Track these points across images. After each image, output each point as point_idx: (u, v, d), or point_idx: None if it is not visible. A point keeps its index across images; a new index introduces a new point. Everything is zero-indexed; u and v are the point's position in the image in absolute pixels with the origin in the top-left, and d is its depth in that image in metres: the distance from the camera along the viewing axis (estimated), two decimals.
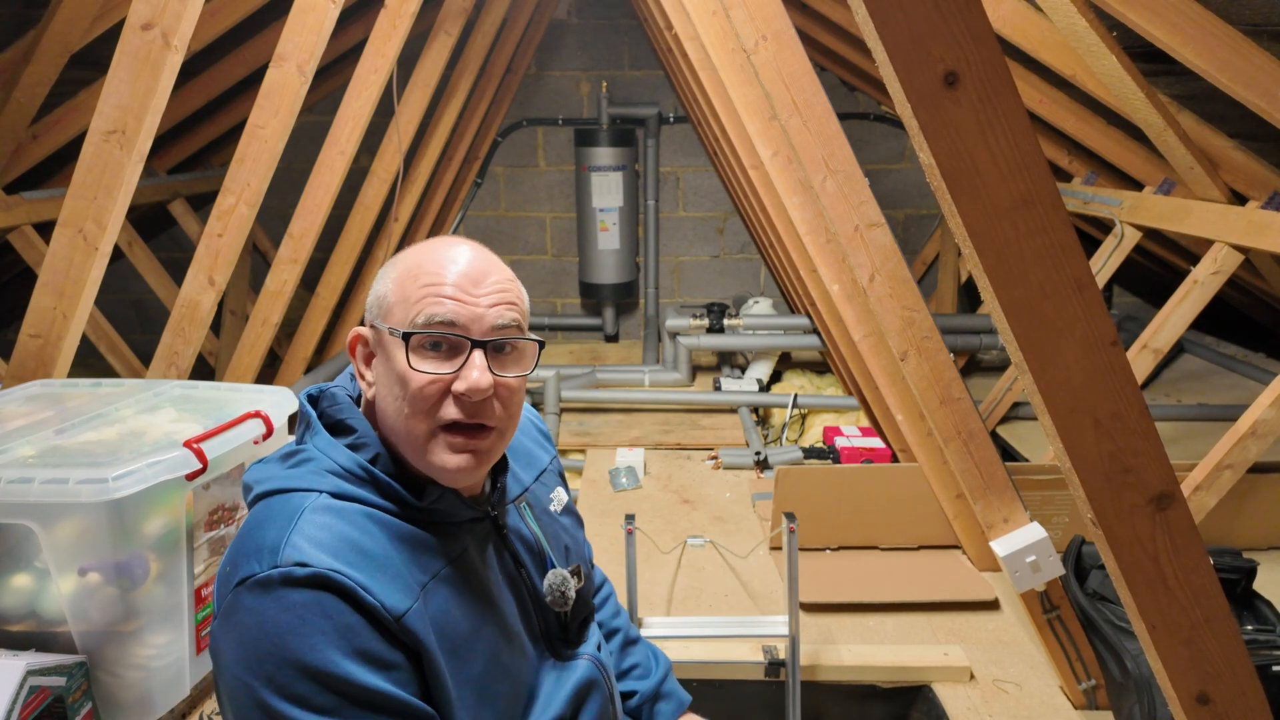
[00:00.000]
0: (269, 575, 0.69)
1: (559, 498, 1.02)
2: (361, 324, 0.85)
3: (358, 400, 0.87)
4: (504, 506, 0.89)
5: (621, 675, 1.12)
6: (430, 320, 0.77)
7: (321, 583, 0.69)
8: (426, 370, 0.77)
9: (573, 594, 0.91)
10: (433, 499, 0.79)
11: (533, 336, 0.84)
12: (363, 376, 0.83)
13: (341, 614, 0.69)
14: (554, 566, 0.92)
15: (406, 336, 0.77)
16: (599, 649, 0.97)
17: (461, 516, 0.83)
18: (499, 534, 0.88)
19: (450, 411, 0.77)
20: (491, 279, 0.81)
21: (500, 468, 0.90)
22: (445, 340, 0.78)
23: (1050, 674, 1.84)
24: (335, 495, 0.76)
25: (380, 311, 0.81)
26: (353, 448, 0.79)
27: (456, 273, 0.79)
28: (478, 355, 0.78)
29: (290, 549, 0.70)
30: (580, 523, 1.07)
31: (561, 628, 0.92)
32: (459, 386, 0.77)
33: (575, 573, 0.93)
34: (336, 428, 0.81)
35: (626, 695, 1.10)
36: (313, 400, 0.85)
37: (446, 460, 0.78)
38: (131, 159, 1.66)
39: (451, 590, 0.79)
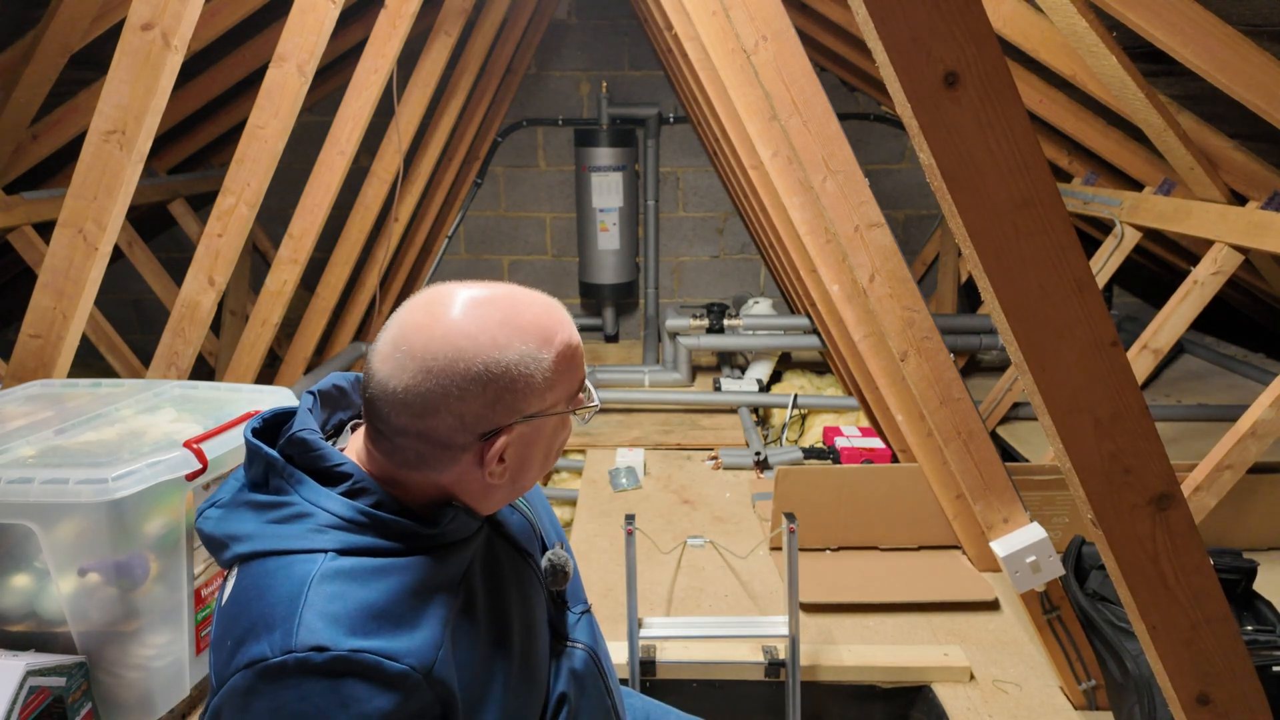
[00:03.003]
0: (284, 662, 0.64)
1: None
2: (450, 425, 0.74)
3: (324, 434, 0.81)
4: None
5: None
6: (585, 383, 0.80)
7: (344, 668, 0.65)
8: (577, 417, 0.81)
9: (570, 570, 0.90)
10: (448, 521, 0.75)
11: None
12: (492, 475, 0.76)
13: (363, 701, 0.65)
14: (550, 546, 0.91)
15: (574, 405, 0.79)
16: (595, 640, 0.96)
17: (471, 530, 0.79)
18: (497, 531, 0.86)
19: None
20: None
21: None
22: None
23: (1050, 674, 1.84)
24: (341, 551, 0.70)
25: (525, 402, 0.73)
26: (350, 494, 0.73)
27: (563, 323, 0.78)
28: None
29: (305, 631, 0.65)
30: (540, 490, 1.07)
31: (558, 604, 0.92)
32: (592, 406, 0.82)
33: (561, 546, 0.93)
34: (323, 475, 0.74)
35: None
36: (260, 435, 0.78)
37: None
38: (131, 159, 1.66)
39: (471, 614, 0.76)
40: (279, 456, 0.75)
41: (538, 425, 0.75)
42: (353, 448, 0.79)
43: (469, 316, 0.71)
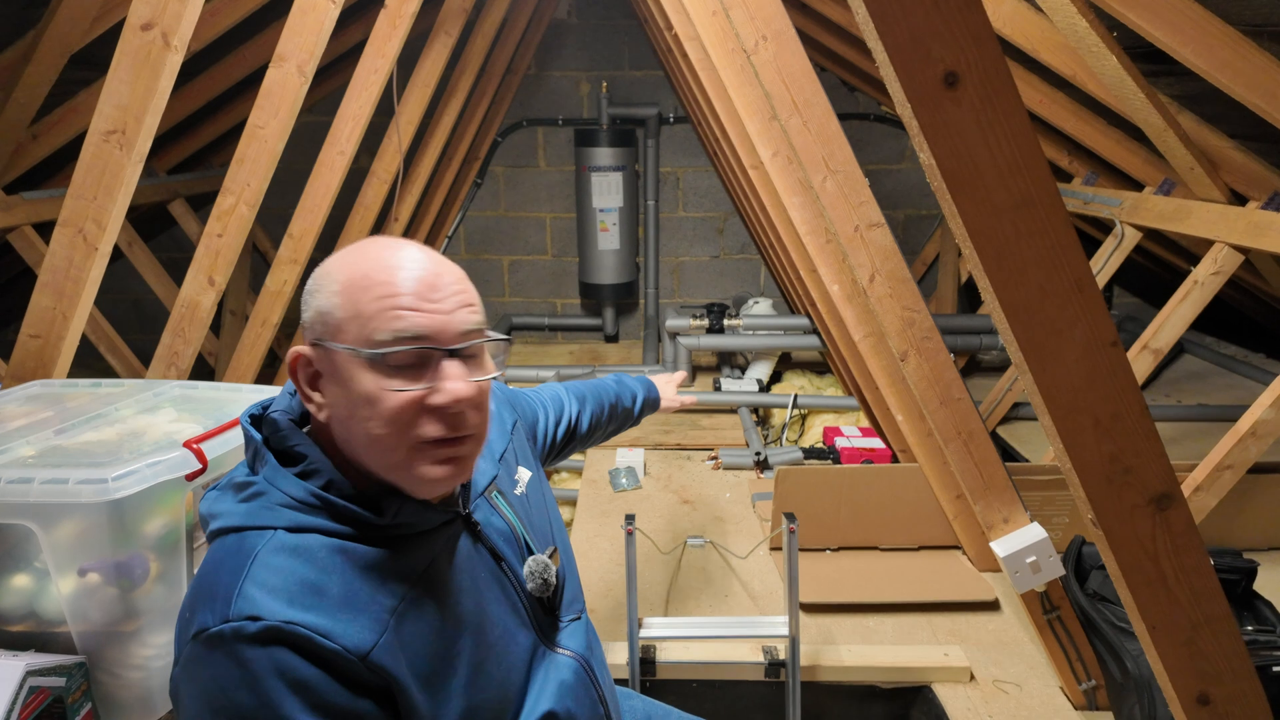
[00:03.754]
0: (221, 630, 0.67)
1: (521, 478, 0.99)
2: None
3: (301, 420, 0.82)
4: (473, 502, 0.87)
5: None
6: (398, 335, 0.72)
7: (275, 636, 0.66)
8: (400, 389, 0.72)
9: (554, 579, 0.90)
10: (393, 514, 0.76)
11: (500, 336, 0.81)
12: (310, 399, 0.77)
13: (297, 669, 0.67)
14: (533, 553, 0.91)
15: (374, 357, 0.72)
16: (589, 648, 0.96)
17: (430, 524, 0.79)
18: (472, 531, 0.85)
19: (430, 429, 0.74)
20: (448, 281, 0.76)
21: None
22: (415, 354, 0.73)
23: (1050, 674, 1.84)
24: (291, 529, 0.72)
25: (326, 329, 0.74)
26: (303, 475, 0.75)
27: (411, 279, 0.74)
28: (453, 365, 0.74)
29: (242, 600, 0.67)
30: (547, 490, 1.05)
31: (547, 610, 0.91)
32: (438, 400, 0.73)
33: (552, 555, 0.93)
34: (284, 456, 0.77)
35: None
36: (255, 420, 0.81)
37: (431, 473, 0.75)
38: (131, 159, 1.66)
39: (423, 609, 0.76)
40: (258, 436, 0.78)
41: (337, 361, 0.74)
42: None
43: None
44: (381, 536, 0.76)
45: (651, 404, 1.54)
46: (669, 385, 1.61)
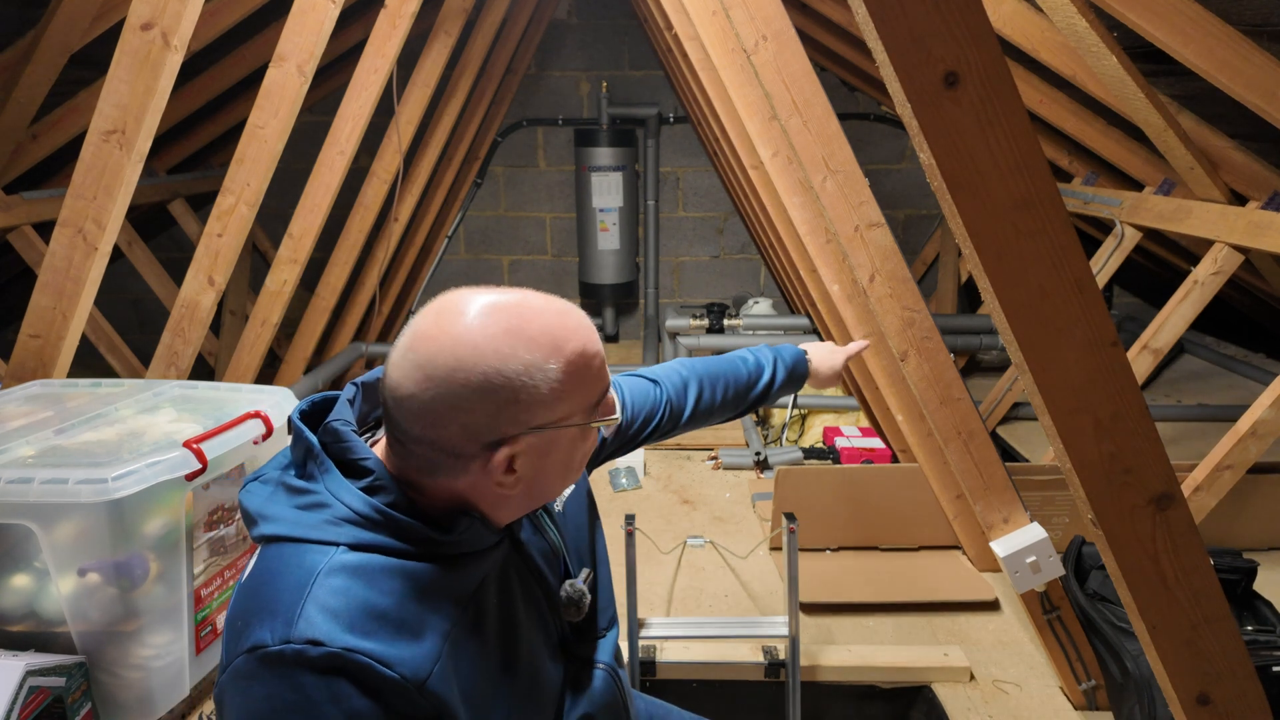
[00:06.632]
0: (281, 652, 0.66)
1: (562, 492, 0.96)
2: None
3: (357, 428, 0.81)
4: (520, 520, 0.85)
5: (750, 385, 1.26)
6: (608, 395, 0.79)
7: (336, 666, 0.65)
8: (605, 421, 0.78)
9: (587, 604, 0.89)
10: (462, 530, 0.74)
11: None
12: (501, 485, 0.74)
13: (352, 699, 0.66)
14: (570, 574, 0.90)
15: (591, 416, 0.77)
16: (616, 658, 0.95)
17: (486, 543, 0.77)
18: (517, 551, 0.84)
19: None
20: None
21: None
22: None
23: (1050, 674, 1.84)
24: (353, 546, 0.71)
25: (530, 413, 0.72)
26: (368, 490, 0.73)
27: (590, 332, 0.78)
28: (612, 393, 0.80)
29: (304, 623, 0.66)
30: (591, 503, 1.02)
31: (578, 632, 0.91)
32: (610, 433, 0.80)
33: (587, 578, 0.91)
34: (348, 467, 0.74)
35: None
36: (306, 419, 0.79)
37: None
38: (131, 159, 1.66)
39: (474, 631, 0.75)
40: (317, 442, 0.75)
41: (550, 436, 0.73)
42: (381, 445, 0.79)
43: (474, 325, 0.70)
44: (436, 555, 0.74)
45: (797, 379, 1.32)
46: (837, 354, 1.36)
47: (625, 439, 1.14)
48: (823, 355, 1.35)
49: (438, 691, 0.69)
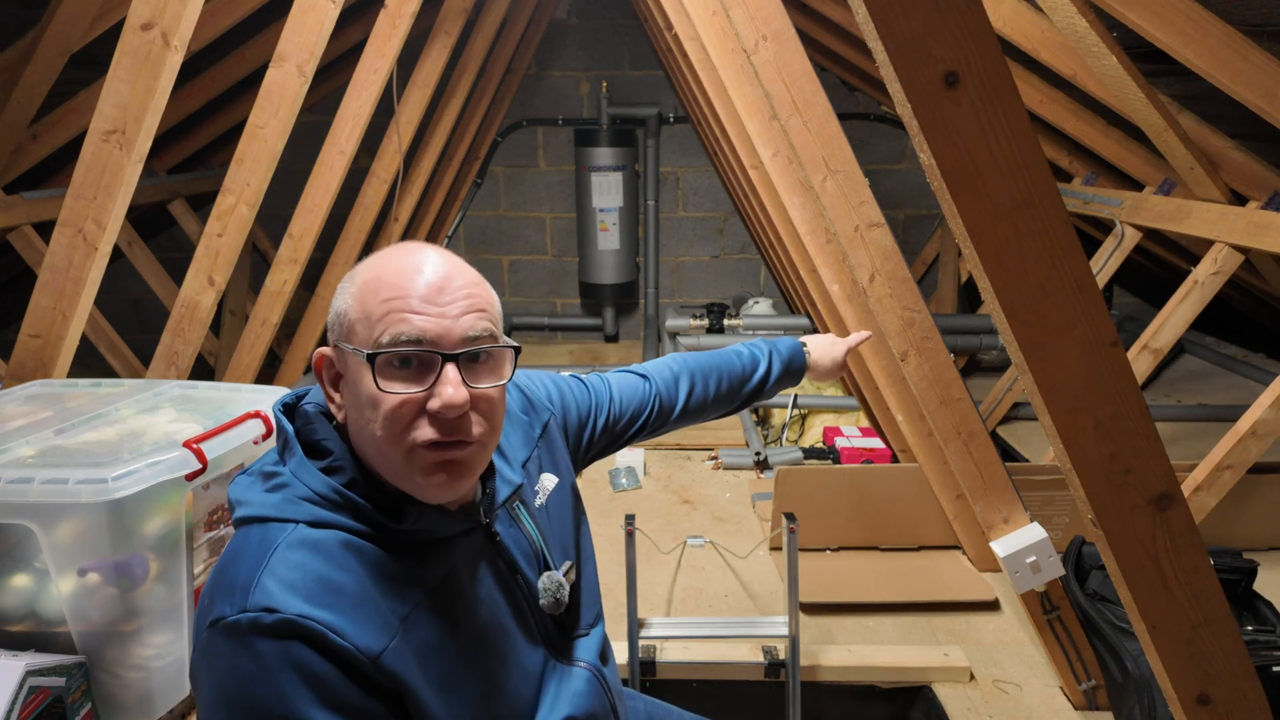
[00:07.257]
0: (238, 621, 0.68)
1: (544, 487, 0.96)
2: (323, 343, 0.81)
3: (331, 415, 0.82)
4: (494, 513, 0.86)
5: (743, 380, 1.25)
6: (396, 339, 0.72)
7: (290, 630, 0.67)
8: (396, 391, 0.72)
9: (566, 597, 0.89)
10: (413, 520, 0.76)
11: (508, 343, 0.79)
12: (332, 399, 0.79)
13: (311, 663, 0.67)
14: (550, 568, 0.90)
15: (371, 357, 0.72)
16: (603, 659, 0.95)
17: (449, 532, 0.79)
18: (492, 542, 0.85)
19: (426, 432, 0.73)
20: (457, 285, 0.76)
21: (488, 472, 0.87)
22: (415, 357, 0.73)
23: (1050, 674, 1.84)
24: (312, 524, 0.73)
25: (342, 331, 0.76)
26: (328, 471, 0.76)
27: (420, 283, 0.74)
28: (450, 370, 0.73)
29: (260, 592, 0.68)
30: (576, 500, 1.01)
31: (559, 627, 0.91)
32: (433, 405, 0.73)
33: (568, 571, 0.91)
34: (312, 449, 0.78)
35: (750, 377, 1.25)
36: (287, 410, 0.81)
37: (427, 480, 0.74)
38: (131, 159, 1.66)
39: (437, 618, 0.76)
40: (289, 427, 0.79)
41: (349, 361, 0.76)
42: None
43: None
44: (400, 542, 0.76)
45: (795, 372, 1.31)
46: (838, 346, 1.34)
47: (614, 435, 1.13)
48: (823, 347, 1.34)
49: (393, 669, 0.71)
